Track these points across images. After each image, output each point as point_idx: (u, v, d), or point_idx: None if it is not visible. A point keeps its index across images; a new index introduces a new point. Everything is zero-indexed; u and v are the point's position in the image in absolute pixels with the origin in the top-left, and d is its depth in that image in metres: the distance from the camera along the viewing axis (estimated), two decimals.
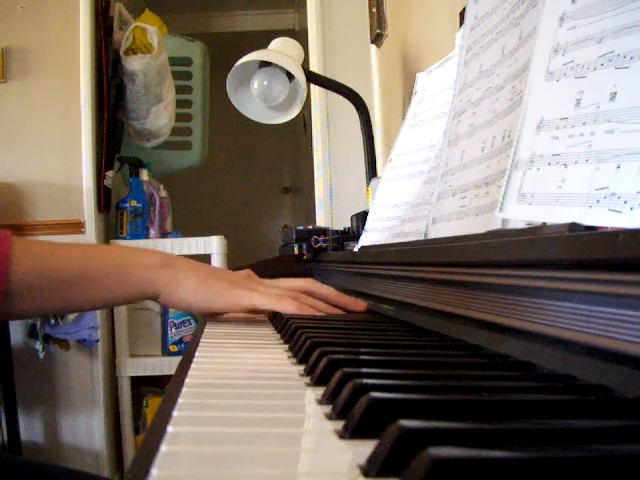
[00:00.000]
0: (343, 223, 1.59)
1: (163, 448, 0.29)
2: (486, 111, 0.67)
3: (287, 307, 0.74)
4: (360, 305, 0.82)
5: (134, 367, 2.27)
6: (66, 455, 2.34)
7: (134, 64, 2.24)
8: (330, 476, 0.28)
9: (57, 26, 2.36)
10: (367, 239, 1.13)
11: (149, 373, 2.29)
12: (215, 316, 0.81)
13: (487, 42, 0.71)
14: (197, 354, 0.54)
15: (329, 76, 1.99)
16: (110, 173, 2.37)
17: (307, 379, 0.44)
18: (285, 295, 0.76)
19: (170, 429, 0.32)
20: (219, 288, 0.75)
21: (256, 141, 4.29)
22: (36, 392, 2.32)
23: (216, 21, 3.96)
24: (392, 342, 0.56)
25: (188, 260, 0.81)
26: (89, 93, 2.32)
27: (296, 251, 1.48)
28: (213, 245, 2.29)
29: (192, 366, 0.48)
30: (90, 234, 2.31)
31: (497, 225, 0.55)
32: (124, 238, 2.28)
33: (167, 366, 2.23)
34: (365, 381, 0.35)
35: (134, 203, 2.29)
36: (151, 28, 2.26)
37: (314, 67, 2.32)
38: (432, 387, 0.36)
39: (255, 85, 1.61)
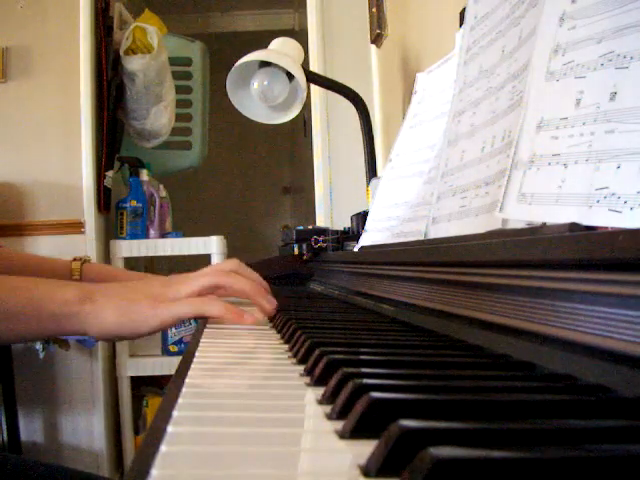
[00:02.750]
0: (343, 223, 1.59)
1: (163, 448, 0.29)
2: (486, 111, 0.67)
3: (214, 310, 0.72)
4: (265, 307, 0.79)
5: (134, 367, 2.27)
6: (66, 455, 2.34)
7: (134, 64, 2.24)
8: (330, 476, 0.28)
9: (57, 26, 2.36)
10: (367, 239, 1.13)
11: (149, 373, 2.29)
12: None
13: (487, 42, 0.71)
14: (197, 354, 0.54)
15: (329, 76, 1.99)
16: (110, 173, 2.37)
17: (307, 379, 0.44)
18: (206, 299, 0.74)
19: (170, 429, 0.32)
20: (141, 312, 0.73)
21: (256, 141, 4.29)
22: (36, 392, 2.32)
23: (216, 21, 3.96)
24: (392, 342, 0.56)
25: (107, 287, 0.78)
26: (89, 93, 2.32)
27: (296, 251, 1.48)
28: (213, 245, 2.29)
29: (192, 366, 0.48)
30: (90, 234, 2.31)
31: (497, 225, 0.55)
32: (124, 238, 2.28)
33: (167, 366, 2.23)
34: (365, 381, 0.35)
35: (134, 203, 2.29)
36: (151, 28, 2.26)
37: (314, 67, 2.32)
38: (432, 387, 0.36)
39: (255, 85, 1.61)
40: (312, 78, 1.73)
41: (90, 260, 1.01)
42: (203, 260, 2.35)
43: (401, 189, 1.06)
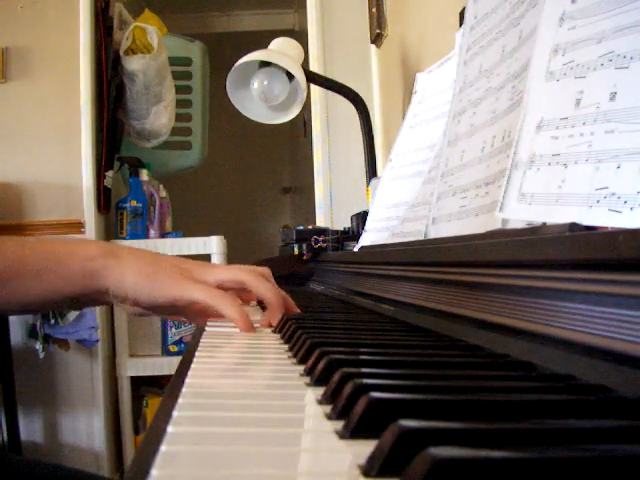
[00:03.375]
0: (343, 223, 1.59)
1: (163, 448, 0.29)
2: (486, 111, 0.67)
3: (228, 309, 0.69)
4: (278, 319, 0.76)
5: (134, 367, 2.27)
6: (66, 455, 2.34)
7: (134, 64, 2.24)
8: (330, 476, 0.28)
9: (57, 26, 2.36)
10: (367, 239, 1.13)
11: (149, 373, 2.29)
12: (165, 313, 0.78)
13: (487, 42, 0.71)
14: (197, 354, 0.53)
15: (329, 76, 1.99)
16: (110, 173, 2.37)
17: (307, 379, 0.44)
18: (227, 296, 0.71)
19: (170, 429, 0.32)
20: (165, 279, 0.71)
21: (256, 141, 4.29)
22: (36, 392, 2.32)
23: (216, 21, 3.96)
24: (392, 342, 0.56)
25: (132, 249, 0.77)
26: (89, 93, 2.32)
27: (296, 251, 1.48)
28: (213, 245, 2.29)
29: (192, 366, 0.48)
30: (90, 234, 2.31)
31: (497, 225, 0.55)
32: (124, 238, 2.27)
33: (167, 366, 2.23)
34: (365, 381, 0.35)
35: (134, 203, 2.29)
36: (151, 28, 2.26)
37: (314, 67, 2.32)
38: (432, 387, 0.36)
39: (255, 85, 1.61)
40: (312, 78, 1.73)
41: None
42: (203, 260, 2.35)
43: (401, 189, 1.06)
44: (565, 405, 0.32)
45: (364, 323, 0.73)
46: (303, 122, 2.33)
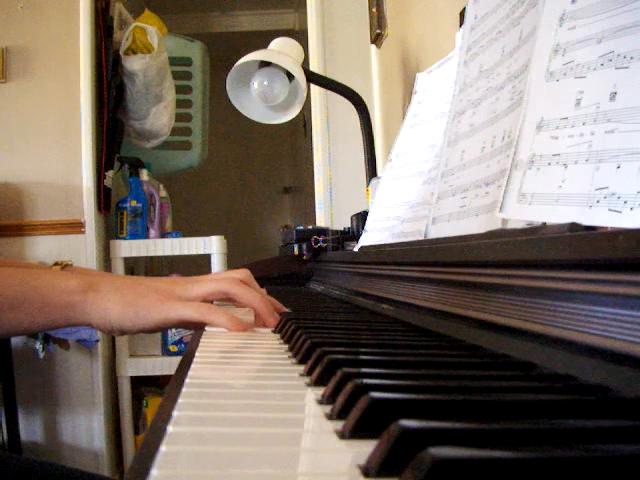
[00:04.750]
0: (343, 223, 1.59)
1: (163, 448, 0.29)
2: (486, 111, 0.67)
3: (219, 320, 0.69)
4: (271, 322, 0.75)
5: (134, 367, 2.27)
6: (66, 455, 2.34)
7: (134, 64, 2.24)
8: (330, 476, 0.28)
9: (57, 26, 2.36)
10: (367, 239, 1.13)
11: (149, 373, 2.30)
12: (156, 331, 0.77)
13: (487, 42, 0.71)
14: (197, 354, 0.54)
15: (329, 76, 1.99)
16: (110, 173, 2.37)
17: (307, 379, 0.44)
18: (213, 307, 0.71)
19: (170, 429, 0.32)
20: (146, 305, 0.71)
21: (256, 141, 4.29)
22: (36, 392, 2.32)
23: (216, 21, 3.96)
24: (392, 342, 0.56)
25: (112, 279, 0.77)
26: (89, 93, 2.32)
27: (296, 251, 1.48)
28: (213, 245, 2.29)
29: (192, 366, 0.48)
30: (90, 234, 2.31)
31: (497, 225, 0.55)
32: (124, 238, 2.28)
33: (167, 366, 2.23)
34: (365, 381, 0.35)
35: (134, 203, 2.29)
36: (151, 28, 2.26)
37: (314, 67, 2.32)
38: (432, 387, 0.36)
39: (255, 85, 1.61)
40: (312, 78, 1.73)
41: (72, 264, 0.99)
42: (203, 260, 2.35)
43: (401, 189, 1.06)
44: (565, 405, 0.32)
45: (364, 323, 0.73)
46: (303, 122, 2.33)
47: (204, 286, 0.75)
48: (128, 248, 2.25)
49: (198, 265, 2.47)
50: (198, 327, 0.77)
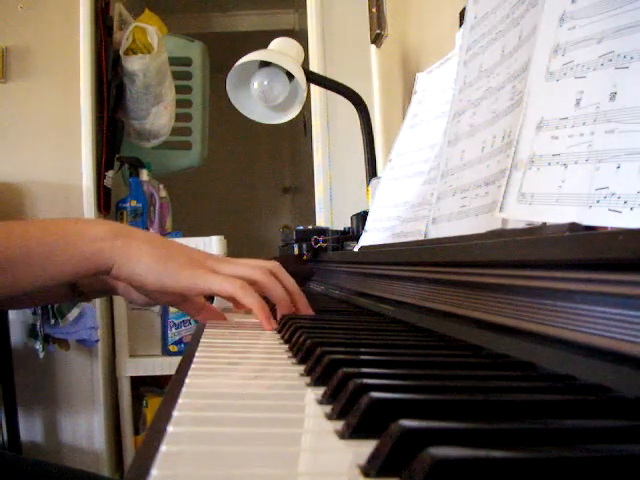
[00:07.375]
0: (343, 223, 1.59)
1: (163, 448, 0.29)
2: (486, 111, 0.67)
3: (250, 301, 0.67)
4: (308, 311, 0.76)
5: (134, 367, 2.27)
6: (66, 455, 2.34)
7: (134, 64, 2.24)
8: (330, 476, 0.28)
9: (57, 26, 2.36)
10: (367, 239, 1.13)
11: (149, 373, 2.29)
12: (171, 301, 0.75)
13: (487, 42, 0.71)
14: (197, 354, 0.53)
15: (329, 76, 1.99)
16: (110, 173, 2.37)
17: (307, 379, 0.44)
18: (248, 287, 0.69)
19: (170, 429, 0.32)
20: (176, 266, 0.68)
21: (256, 141, 4.29)
22: (36, 392, 2.32)
23: (216, 21, 3.96)
24: (392, 342, 0.56)
25: (145, 232, 0.74)
26: (89, 93, 2.32)
27: (296, 251, 1.48)
28: (213, 245, 2.29)
29: (192, 366, 0.48)
30: None
31: (497, 225, 0.55)
32: None
33: (167, 366, 2.23)
34: (365, 381, 0.35)
35: (134, 203, 2.29)
36: (151, 28, 2.26)
37: (314, 67, 2.32)
38: (432, 387, 0.36)
39: (255, 85, 1.61)
40: (312, 78, 1.73)
41: None
42: None
43: (401, 189, 1.06)
44: (565, 405, 0.32)
45: (364, 323, 0.73)
46: (303, 122, 2.33)
47: (238, 268, 0.73)
48: None
49: None
50: (202, 313, 0.77)
